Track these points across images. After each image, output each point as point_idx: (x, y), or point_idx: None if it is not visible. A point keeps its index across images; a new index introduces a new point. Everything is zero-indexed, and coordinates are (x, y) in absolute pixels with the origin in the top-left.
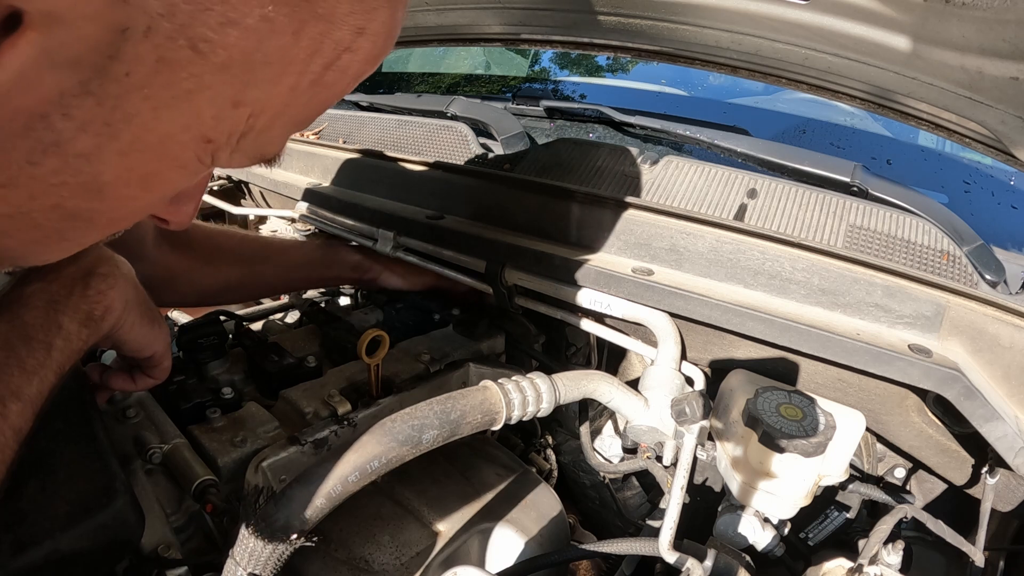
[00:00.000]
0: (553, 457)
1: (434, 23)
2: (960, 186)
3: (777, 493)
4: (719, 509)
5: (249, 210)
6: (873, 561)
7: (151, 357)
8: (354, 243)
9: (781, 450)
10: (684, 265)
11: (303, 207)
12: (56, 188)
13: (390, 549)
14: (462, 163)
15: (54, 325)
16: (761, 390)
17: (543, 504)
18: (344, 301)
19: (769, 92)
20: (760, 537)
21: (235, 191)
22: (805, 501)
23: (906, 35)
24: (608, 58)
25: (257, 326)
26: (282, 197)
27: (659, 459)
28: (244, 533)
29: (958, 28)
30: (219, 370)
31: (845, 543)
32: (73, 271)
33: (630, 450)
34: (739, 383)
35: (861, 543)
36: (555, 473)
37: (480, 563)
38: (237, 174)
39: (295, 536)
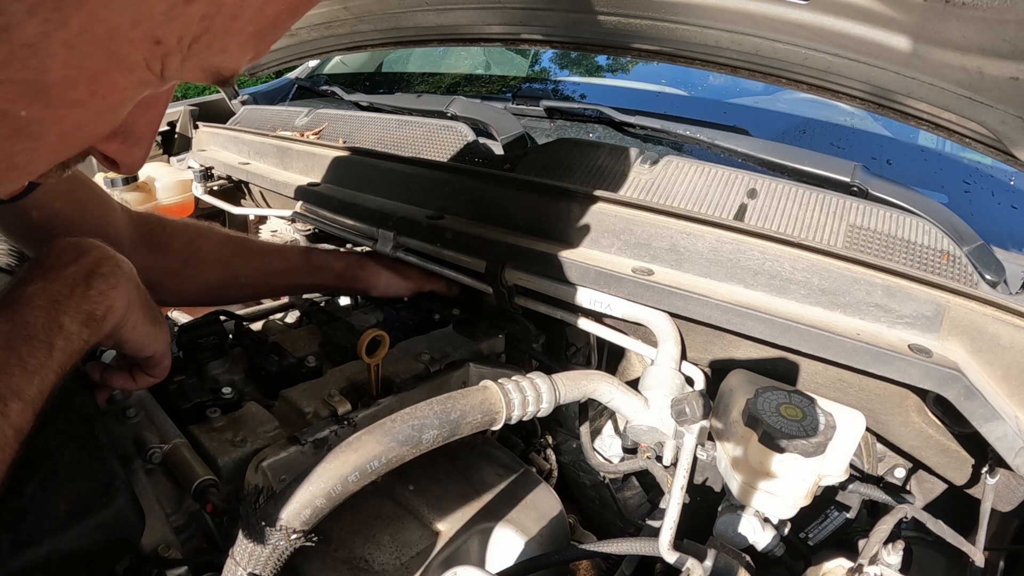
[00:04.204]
0: (553, 457)
1: (434, 23)
2: (960, 186)
3: (777, 493)
4: (719, 509)
5: (249, 210)
6: (873, 561)
7: (152, 356)
8: (341, 248)
9: (781, 450)
10: (684, 265)
11: (303, 207)
12: (2, 87)
13: (390, 549)
14: (462, 163)
15: (55, 325)
16: (761, 390)
17: (543, 504)
18: (344, 301)
19: (769, 92)
20: (760, 537)
21: (235, 191)
22: (805, 501)
23: (906, 35)
24: (608, 58)
25: (257, 326)
26: (282, 197)
27: (659, 459)
28: (244, 533)
29: (958, 28)
30: (219, 370)
31: (845, 543)
32: (75, 271)
33: (630, 450)
34: (739, 383)
35: (861, 543)
36: (555, 473)
37: (480, 563)
38: (237, 174)
39: (295, 536)
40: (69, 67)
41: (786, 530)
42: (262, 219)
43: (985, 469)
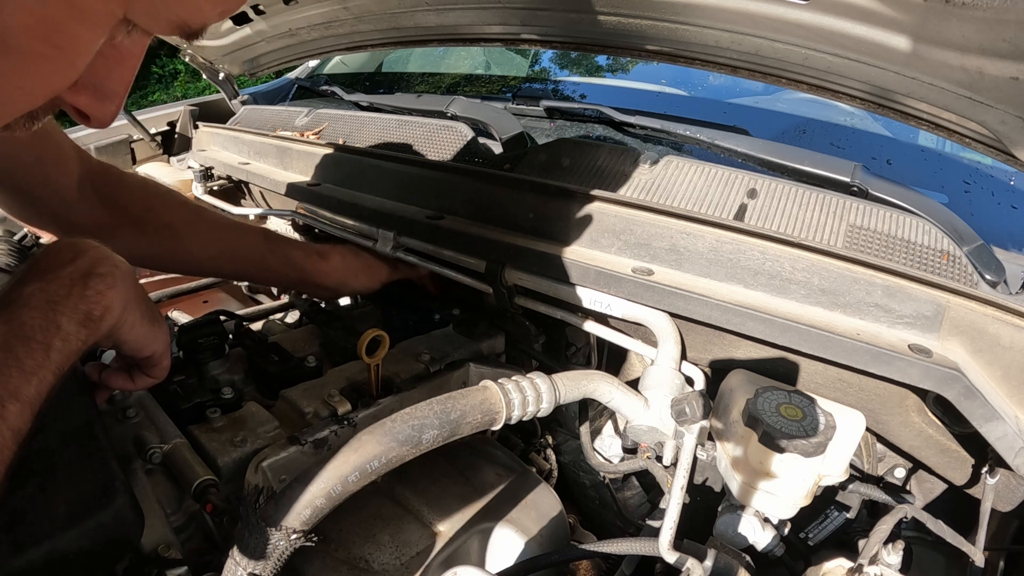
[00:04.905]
0: (553, 457)
1: (434, 23)
2: (960, 186)
3: (777, 493)
4: (719, 509)
5: (249, 210)
6: (873, 561)
7: (150, 356)
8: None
9: (781, 450)
10: (684, 265)
11: (303, 207)
12: None
13: (390, 549)
14: (462, 163)
15: (53, 325)
16: (761, 390)
17: (543, 504)
18: (344, 301)
19: (769, 92)
20: (760, 537)
21: (235, 191)
22: (805, 501)
23: (906, 35)
24: (608, 58)
25: (257, 326)
26: (282, 197)
27: (659, 459)
28: (244, 533)
29: (958, 28)
30: (219, 370)
31: (845, 543)
32: (72, 271)
33: (630, 450)
34: (739, 383)
35: (861, 543)
36: (555, 473)
37: (480, 563)
38: (237, 174)
39: (295, 536)
40: (27, 13)
41: (786, 530)
42: (262, 219)
43: (985, 469)
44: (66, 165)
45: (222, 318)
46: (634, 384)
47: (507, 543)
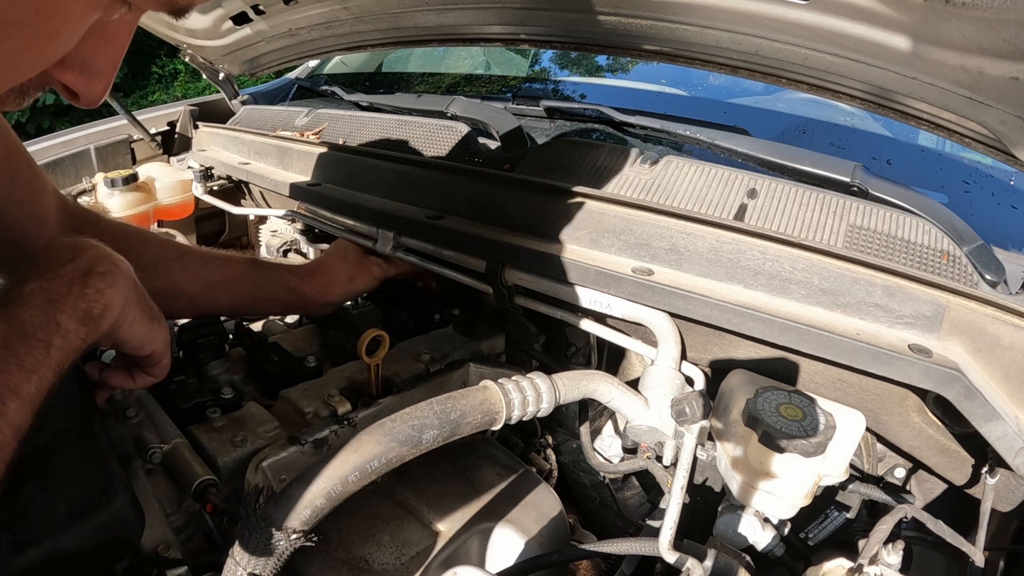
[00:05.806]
0: (553, 457)
1: (434, 23)
2: (960, 186)
3: (777, 493)
4: (719, 509)
5: (249, 210)
6: (873, 561)
7: (150, 355)
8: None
9: (781, 450)
10: (684, 265)
11: (303, 207)
12: None
13: (390, 549)
14: (462, 163)
15: (52, 323)
16: (761, 390)
17: (543, 504)
18: None
19: (769, 92)
20: (760, 537)
21: (235, 191)
22: (805, 501)
23: (906, 35)
24: (608, 58)
25: (257, 326)
26: (282, 197)
27: (659, 459)
28: (244, 533)
29: (958, 28)
30: (219, 370)
31: (845, 543)
32: (72, 269)
33: (630, 450)
34: (739, 383)
35: (861, 543)
36: (555, 473)
37: (480, 563)
38: (237, 174)
39: (295, 536)
40: None
41: (786, 530)
42: (262, 219)
43: (985, 469)
44: (44, 193)
45: (222, 318)
46: (634, 384)
47: (507, 543)
